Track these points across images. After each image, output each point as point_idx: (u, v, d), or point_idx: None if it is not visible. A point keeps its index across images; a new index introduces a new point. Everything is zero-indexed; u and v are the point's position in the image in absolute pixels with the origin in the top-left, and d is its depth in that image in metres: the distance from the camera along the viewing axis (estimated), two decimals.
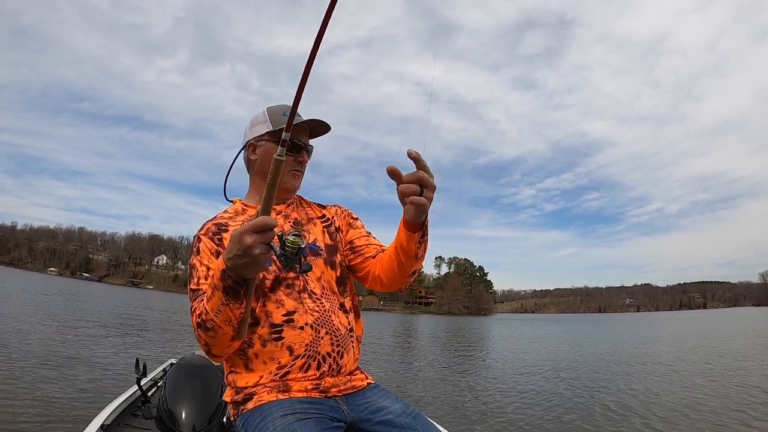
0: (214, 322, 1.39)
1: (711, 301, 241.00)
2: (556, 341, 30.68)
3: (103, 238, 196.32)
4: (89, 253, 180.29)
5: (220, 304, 1.38)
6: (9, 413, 6.11)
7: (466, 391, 11.08)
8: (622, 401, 9.71)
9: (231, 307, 1.38)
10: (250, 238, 1.25)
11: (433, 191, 1.38)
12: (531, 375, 13.90)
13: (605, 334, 39.09)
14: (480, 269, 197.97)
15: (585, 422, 8.08)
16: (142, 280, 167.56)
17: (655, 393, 10.65)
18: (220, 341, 1.44)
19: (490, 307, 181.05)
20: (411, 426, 1.54)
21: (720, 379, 12.73)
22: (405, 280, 1.65)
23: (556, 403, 9.62)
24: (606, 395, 10.42)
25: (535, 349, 24.06)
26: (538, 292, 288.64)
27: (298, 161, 1.77)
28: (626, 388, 11.33)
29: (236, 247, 1.27)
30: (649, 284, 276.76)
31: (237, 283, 1.34)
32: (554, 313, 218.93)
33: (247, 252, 1.26)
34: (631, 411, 8.80)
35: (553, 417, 8.45)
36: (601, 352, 21.85)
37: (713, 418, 8.19)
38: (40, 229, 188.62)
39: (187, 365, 3.21)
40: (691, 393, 10.58)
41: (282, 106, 1.78)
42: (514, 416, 8.45)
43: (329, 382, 1.58)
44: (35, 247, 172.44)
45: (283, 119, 1.70)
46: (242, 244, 1.26)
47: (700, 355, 19.60)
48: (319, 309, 1.61)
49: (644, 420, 8.13)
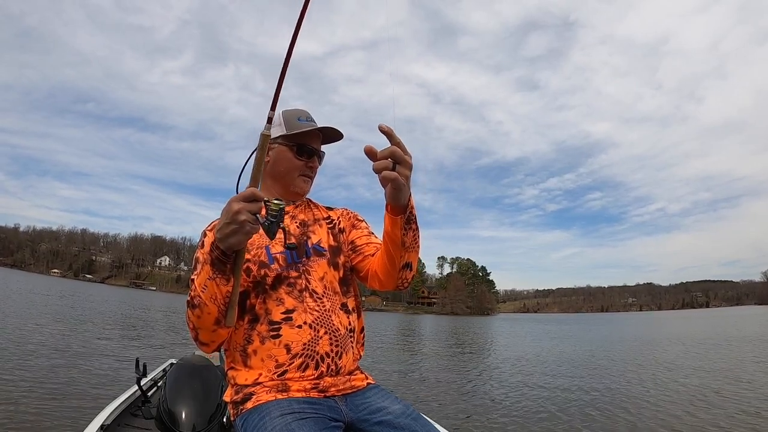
0: (201, 298, 1.42)
1: (713, 300, 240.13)
2: (558, 341, 30.60)
3: (105, 239, 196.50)
4: (92, 255, 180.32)
5: (207, 279, 1.41)
6: (9, 413, 6.12)
7: (468, 391, 11.06)
8: (625, 405, 9.67)
9: (217, 282, 1.40)
10: (238, 205, 1.31)
11: (409, 168, 1.36)
12: (534, 375, 13.86)
13: (609, 334, 38.99)
14: (483, 269, 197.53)
15: (588, 424, 8.07)
16: (145, 281, 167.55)
17: (664, 397, 10.61)
18: (205, 322, 1.45)
19: (492, 307, 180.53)
20: (410, 427, 1.53)
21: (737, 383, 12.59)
22: (399, 276, 1.62)
23: (559, 404, 9.60)
24: (609, 398, 10.38)
25: (537, 350, 23.99)
26: (540, 291, 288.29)
27: (309, 166, 1.79)
28: (632, 391, 11.28)
29: (225, 215, 1.33)
30: (651, 283, 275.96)
31: (224, 254, 1.38)
32: (557, 312, 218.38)
33: (234, 218, 1.31)
34: (639, 415, 8.77)
35: (556, 418, 8.44)
36: (605, 353, 21.80)
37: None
38: (43, 230, 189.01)
39: (187, 365, 3.22)
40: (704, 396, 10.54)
41: (297, 110, 1.81)
42: (518, 418, 8.44)
43: (328, 382, 1.58)
44: (38, 249, 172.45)
45: (297, 123, 1.76)
46: (230, 210, 1.31)
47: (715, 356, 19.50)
48: (320, 308, 1.62)
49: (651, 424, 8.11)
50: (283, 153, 1.76)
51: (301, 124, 1.76)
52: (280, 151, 1.76)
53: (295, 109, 1.82)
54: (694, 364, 15.96)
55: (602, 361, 17.68)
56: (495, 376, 13.80)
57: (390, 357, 17.98)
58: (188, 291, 1.51)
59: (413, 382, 12.13)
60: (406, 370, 14.55)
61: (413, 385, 11.75)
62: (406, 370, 14.38)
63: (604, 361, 17.95)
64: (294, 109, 1.82)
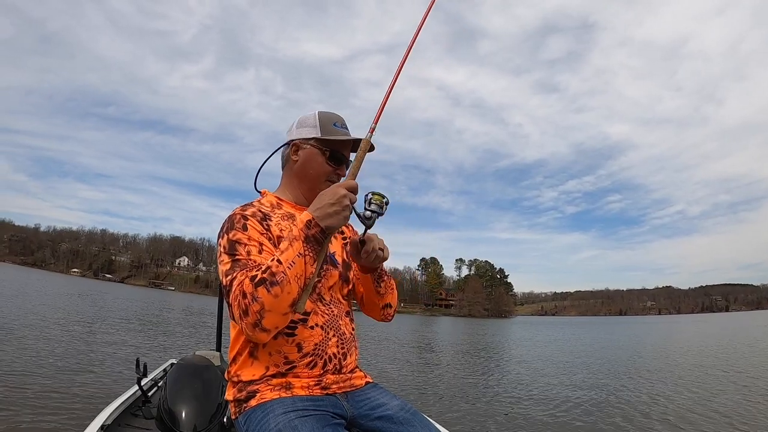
0: (286, 275, 1.38)
1: (733, 303, 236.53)
2: (575, 345, 30.37)
3: (125, 239, 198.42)
4: (111, 255, 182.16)
5: (296, 256, 1.41)
6: (9, 413, 6.15)
7: (477, 392, 11.01)
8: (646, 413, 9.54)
9: (306, 260, 1.43)
10: (344, 190, 1.45)
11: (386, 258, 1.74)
12: (548, 378, 13.77)
13: (628, 339, 38.61)
14: (500, 271, 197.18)
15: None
16: (164, 281, 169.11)
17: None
18: (281, 303, 1.39)
19: (510, 310, 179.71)
20: (409, 421, 1.62)
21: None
22: (382, 312, 1.91)
23: (578, 410, 9.50)
24: (626, 406, 10.26)
25: (554, 353, 23.83)
26: (558, 294, 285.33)
27: (337, 173, 1.79)
28: (656, 401, 11.09)
29: (330, 196, 1.45)
30: (670, 287, 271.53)
31: (323, 232, 1.46)
32: (574, 315, 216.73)
33: (339, 200, 1.44)
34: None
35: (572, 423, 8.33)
36: (623, 359, 21.58)
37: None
38: (63, 230, 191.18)
39: (188, 365, 3.24)
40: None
41: (333, 115, 1.81)
42: (529, 422, 8.36)
43: (331, 379, 1.63)
44: (58, 249, 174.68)
45: (333, 129, 1.77)
46: (336, 194, 1.45)
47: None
48: (329, 313, 1.67)
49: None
50: (315, 156, 1.76)
51: (336, 131, 1.77)
52: (311, 153, 1.76)
53: (331, 113, 1.81)
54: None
55: (621, 369, 17.47)
56: (507, 379, 13.74)
57: (403, 358, 17.96)
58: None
59: (417, 383, 12.11)
60: (412, 371, 14.54)
61: (416, 385, 11.75)
62: (411, 371, 14.36)
63: (623, 368, 17.73)
64: (330, 113, 1.81)
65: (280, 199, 1.81)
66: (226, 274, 1.47)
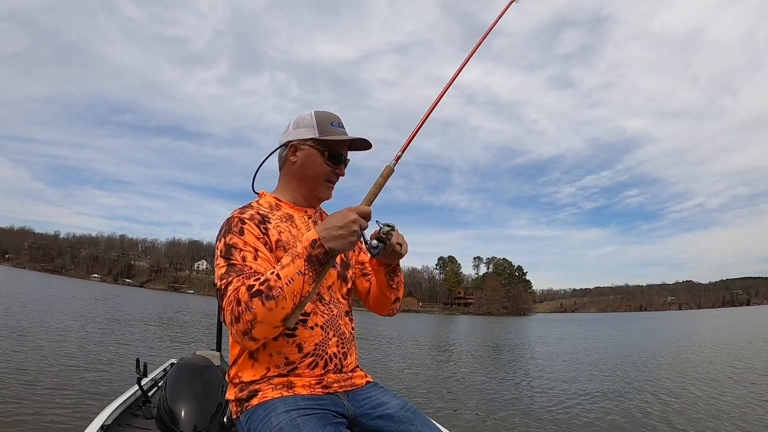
0: (282, 290, 1.39)
1: (755, 297, 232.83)
2: (590, 342, 30.15)
3: (144, 244, 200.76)
4: (131, 260, 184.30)
5: (296, 273, 1.42)
6: (9, 413, 6.19)
7: (484, 391, 10.96)
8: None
9: (305, 279, 1.43)
10: (355, 215, 1.46)
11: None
12: (556, 375, 13.67)
13: (646, 335, 38.26)
14: (519, 269, 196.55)
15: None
16: (183, 285, 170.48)
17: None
18: (274, 317, 1.40)
19: (529, 307, 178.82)
20: (409, 420, 1.64)
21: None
22: (390, 307, 1.95)
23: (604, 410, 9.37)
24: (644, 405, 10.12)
25: (575, 351, 23.66)
26: (577, 291, 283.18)
27: (336, 173, 1.81)
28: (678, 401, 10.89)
29: (340, 219, 1.46)
30: (690, 281, 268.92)
31: (326, 254, 1.46)
32: (594, 312, 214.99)
33: (348, 225, 1.44)
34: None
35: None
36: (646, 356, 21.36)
37: None
38: (83, 237, 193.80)
39: (188, 365, 3.23)
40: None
41: (330, 114, 1.82)
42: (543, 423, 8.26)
43: (332, 378, 1.64)
44: (78, 255, 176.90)
45: (330, 129, 1.77)
46: (346, 218, 1.45)
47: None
48: (329, 313, 1.68)
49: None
50: (314, 157, 1.76)
51: (334, 130, 1.77)
52: (310, 153, 1.77)
53: (328, 113, 1.82)
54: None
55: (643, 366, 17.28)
56: (525, 379, 13.66)
57: (414, 357, 17.91)
58: (243, 280, 1.46)
59: (425, 382, 12.11)
60: (425, 369, 14.56)
61: (425, 384, 11.77)
62: (424, 370, 14.37)
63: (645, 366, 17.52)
64: (326, 113, 1.81)
65: (278, 199, 1.81)
66: (221, 278, 1.50)
